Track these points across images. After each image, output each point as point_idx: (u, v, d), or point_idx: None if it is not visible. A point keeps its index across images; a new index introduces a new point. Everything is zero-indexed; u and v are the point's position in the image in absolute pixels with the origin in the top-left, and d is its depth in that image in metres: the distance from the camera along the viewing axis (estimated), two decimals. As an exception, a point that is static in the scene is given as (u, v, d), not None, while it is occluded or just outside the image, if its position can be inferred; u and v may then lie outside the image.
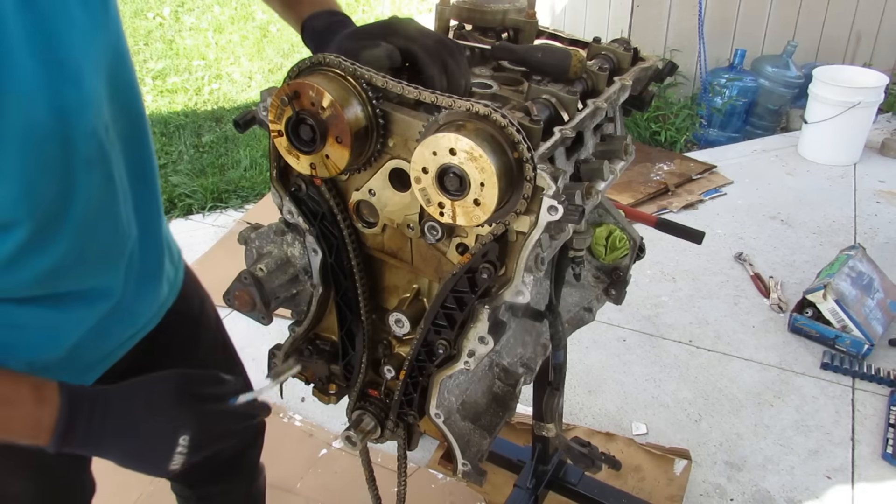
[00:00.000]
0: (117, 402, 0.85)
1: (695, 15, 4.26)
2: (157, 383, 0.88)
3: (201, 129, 4.51)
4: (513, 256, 0.84)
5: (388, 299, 1.01)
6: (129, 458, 0.85)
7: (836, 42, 4.83)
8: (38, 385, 0.81)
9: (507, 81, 1.05)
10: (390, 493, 1.31)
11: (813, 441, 2.27)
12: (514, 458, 1.98)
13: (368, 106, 0.81)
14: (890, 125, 4.41)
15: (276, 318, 1.02)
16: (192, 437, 0.84)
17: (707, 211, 3.56)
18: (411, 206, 0.88)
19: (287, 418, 2.34)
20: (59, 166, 0.82)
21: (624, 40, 1.09)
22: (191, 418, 0.85)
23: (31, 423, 0.80)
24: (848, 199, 3.65)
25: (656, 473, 2.12)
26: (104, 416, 0.83)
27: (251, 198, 3.77)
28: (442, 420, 1.00)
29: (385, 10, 6.69)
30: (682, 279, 3.04)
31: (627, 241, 1.28)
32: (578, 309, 1.35)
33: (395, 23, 0.91)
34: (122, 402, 0.85)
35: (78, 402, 0.82)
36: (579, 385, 2.48)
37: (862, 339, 2.54)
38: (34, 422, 0.80)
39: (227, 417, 0.89)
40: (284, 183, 0.94)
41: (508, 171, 0.75)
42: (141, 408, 0.85)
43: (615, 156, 1.02)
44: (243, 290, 0.95)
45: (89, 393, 0.84)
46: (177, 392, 0.86)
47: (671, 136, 4.24)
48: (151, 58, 5.52)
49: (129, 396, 0.86)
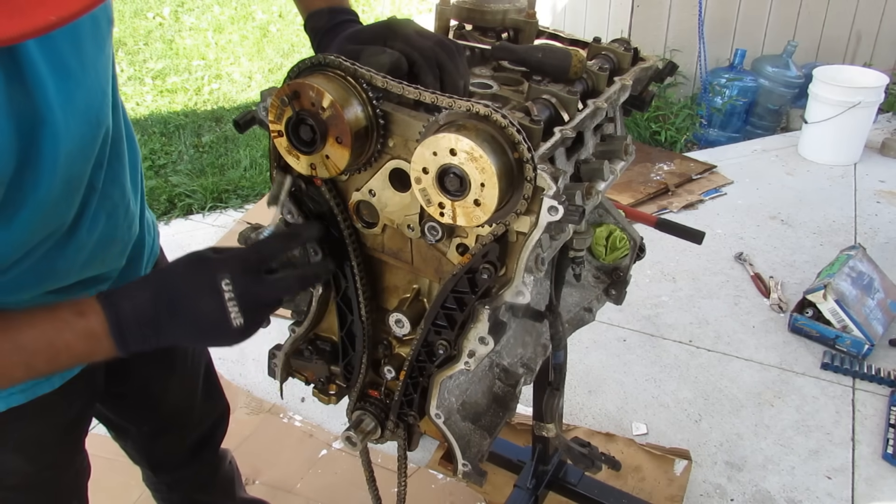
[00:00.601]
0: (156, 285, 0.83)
1: (695, 15, 4.26)
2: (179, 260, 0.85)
3: (201, 129, 4.51)
4: (513, 257, 0.84)
5: (389, 300, 1.01)
6: (190, 332, 0.83)
7: (836, 42, 4.83)
8: (75, 303, 0.82)
9: (507, 81, 1.05)
10: (390, 494, 1.31)
11: (813, 441, 2.27)
12: (515, 459, 1.98)
13: (369, 106, 0.81)
14: (890, 125, 4.41)
15: (277, 318, 1.01)
16: (233, 278, 0.80)
17: (707, 211, 3.56)
18: (411, 207, 0.88)
19: (287, 418, 2.34)
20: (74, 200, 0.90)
21: (624, 40, 1.09)
22: (225, 260, 0.82)
23: (87, 337, 0.81)
24: (848, 199, 3.65)
25: (656, 474, 2.12)
26: (151, 301, 0.81)
27: (251, 198, 3.77)
28: (442, 420, 1.00)
29: (385, 10, 6.69)
30: (682, 279, 3.04)
31: (627, 241, 1.28)
32: (579, 309, 1.35)
33: (394, 24, 0.90)
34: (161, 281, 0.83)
35: (120, 301, 0.81)
36: (579, 385, 2.48)
37: (862, 339, 2.54)
38: (89, 334, 0.80)
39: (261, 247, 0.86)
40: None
41: (509, 171, 0.75)
42: (179, 279, 0.82)
43: (615, 156, 1.02)
44: None
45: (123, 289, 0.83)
46: (199, 254, 0.84)
47: (671, 136, 4.24)
48: (151, 58, 5.52)
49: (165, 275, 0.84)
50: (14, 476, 1.14)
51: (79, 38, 0.84)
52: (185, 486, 1.59)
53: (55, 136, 0.81)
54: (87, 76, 0.86)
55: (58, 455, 1.19)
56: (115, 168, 1.00)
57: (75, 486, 1.28)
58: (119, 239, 1.05)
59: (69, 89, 0.82)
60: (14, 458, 1.11)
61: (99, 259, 1.02)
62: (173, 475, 1.55)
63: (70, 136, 0.83)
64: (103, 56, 0.91)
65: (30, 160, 0.79)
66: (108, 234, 1.01)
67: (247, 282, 0.81)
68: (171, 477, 1.56)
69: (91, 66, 0.87)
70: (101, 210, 0.98)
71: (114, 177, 1.00)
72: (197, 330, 0.82)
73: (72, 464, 1.25)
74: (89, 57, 0.86)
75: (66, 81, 0.81)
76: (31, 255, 0.89)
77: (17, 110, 0.76)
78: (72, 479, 1.27)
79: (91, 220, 0.96)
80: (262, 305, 0.84)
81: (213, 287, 0.80)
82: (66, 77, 0.81)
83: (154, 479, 1.57)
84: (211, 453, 1.59)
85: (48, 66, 0.79)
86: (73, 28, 0.83)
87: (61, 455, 1.20)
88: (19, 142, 0.77)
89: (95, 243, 0.99)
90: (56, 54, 0.80)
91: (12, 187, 0.79)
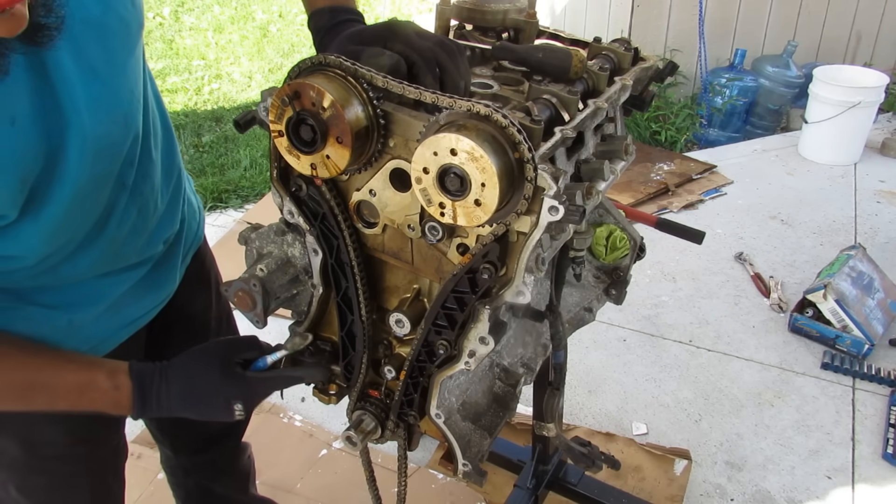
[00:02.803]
0: (176, 378, 0.98)
1: (695, 15, 4.26)
2: (206, 356, 1.00)
3: (201, 129, 4.51)
4: (513, 257, 0.84)
5: (389, 299, 1.01)
6: (199, 418, 1.00)
7: (836, 42, 4.83)
8: (112, 372, 0.97)
9: (507, 81, 1.04)
10: (390, 494, 1.31)
11: (813, 441, 2.27)
12: (515, 458, 1.98)
13: (369, 106, 0.81)
14: (890, 125, 4.41)
15: (277, 318, 1.02)
16: (244, 403, 0.98)
17: (707, 211, 3.56)
18: (412, 207, 0.88)
19: (287, 418, 2.34)
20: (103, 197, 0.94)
21: (624, 40, 1.09)
22: (239, 388, 0.98)
23: (112, 404, 0.97)
24: (848, 199, 3.65)
25: (656, 473, 2.12)
26: (169, 391, 0.97)
27: (251, 198, 3.77)
28: (442, 420, 1.00)
29: (385, 10, 6.69)
30: (682, 279, 3.04)
31: (628, 241, 1.28)
32: (579, 309, 1.35)
33: (394, 25, 0.90)
34: (181, 376, 0.98)
35: (148, 382, 0.97)
36: (579, 385, 2.48)
37: (862, 339, 2.54)
38: (115, 403, 0.97)
39: (269, 382, 1.01)
40: (285, 183, 0.94)
41: (509, 171, 0.75)
42: (197, 381, 0.98)
43: (616, 156, 1.02)
44: (247, 292, 0.95)
45: (154, 372, 0.98)
46: (221, 364, 0.98)
47: (671, 136, 4.24)
48: (151, 58, 5.51)
49: (185, 371, 0.99)
50: (50, 447, 1.15)
51: (108, 42, 0.86)
52: (202, 471, 1.58)
53: (82, 137, 0.83)
54: (115, 79, 0.88)
55: (94, 429, 1.20)
56: (146, 165, 1.02)
57: (113, 464, 1.29)
58: (149, 231, 1.08)
59: (97, 91, 0.84)
60: (50, 428, 1.13)
61: (131, 250, 1.06)
62: (193, 459, 1.55)
63: (97, 137, 0.85)
64: (132, 59, 0.93)
65: (57, 160, 0.82)
66: (138, 227, 1.05)
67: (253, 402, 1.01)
68: (190, 461, 1.56)
69: (120, 68, 0.89)
70: (132, 205, 1.01)
71: (145, 174, 1.02)
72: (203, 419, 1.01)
73: (108, 441, 1.26)
74: (118, 60, 0.88)
75: (93, 83, 0.83)
76: (62, 249, 0.93)
77: (45, 112, 0.79)
78: (108, 457, 1.28)
79: (122, 215, 1.00)
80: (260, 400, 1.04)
81: (227, 406, 0.98)
82: (94, 79, 0.83)
83: (173, 461, 1.57)
84: (234, 440, 1.59)
85: (77, 68, 0.81)
86: (102, 31, 0.85)
87: (98, 430, 1.21)
88: (47, 142, 0.79)
89: (126, 237, 1.03)
90: (84, 57, 0.82)
91: (41, 183, 0.82)
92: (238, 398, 0.97)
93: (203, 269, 1.35)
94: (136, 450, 2.09)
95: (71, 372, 0.96)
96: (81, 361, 0.99)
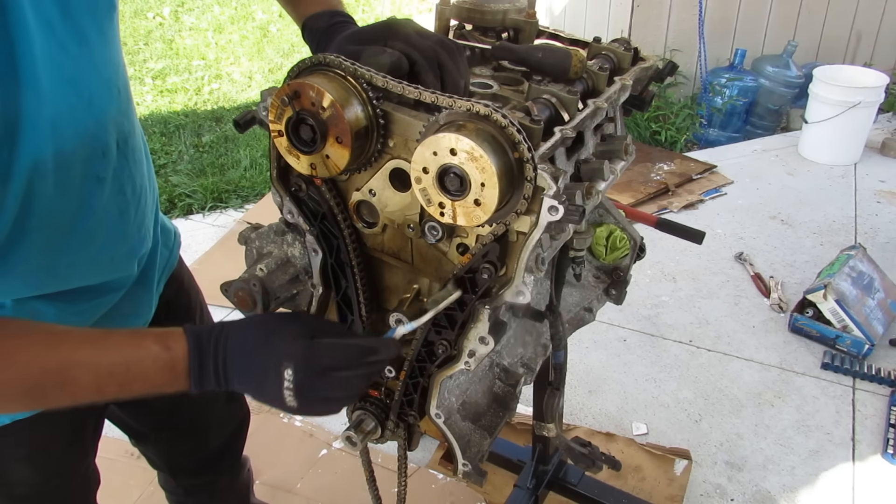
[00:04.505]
0: (235, 338, 0.85)
1: (695, 15, 4.26)
2: (274, 319, 0.88)
3: (201, 129, 4.51)
4: (513, 257, 0.84)
5: (389, 299, 1.01)
6: (252, 393, 0.86)
7: (836, 42, 4.83)
8: (162, 336, 0.84)
9: (507, 81, 1.04)
10: (390, 494, 1.31)
11: (813, 441, 2.27)
12: (515, 458, 1.98)
13: (369, 106, 0.81)
14: (890, 125, 4.41)
15: (277, 318, 1.01)
16: (295, 370, 0.82)
17: (707, 211, 3.56)
18: (412, 207, 0.88)
19: (287, 418, 2.34)
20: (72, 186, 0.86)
21: (624, 40, 1.09)
22: (295, 351, 0.83)
23: (167, 370, 0.83)
24: (848, 199, 3.65)
25: (657, 473, 2.12)
26: (227, 353, 0.84)
27: (251, 198, 3.77)
28: (442, 420, 1.00)
29: (385, 10, 6.69)
30: (682, 279, 3.04)
31: (628, 241, 1.28)
32: (579, 309, 1.35)
33: (394, 24, 0.90)
34: (239, 337, 0.85)
35: (205, 343, 0.84)
36: (579, 385, 2.48)
37: (862, 339, 2.54)
38: (170, 370, 0.83)
39: (335, 350, 0.85)
40: (285, 183, 0.94)
41: (509, 171, 0.75)
42: (253, 342, 0.85)
43: (615, 156, 1.02)
44: (247, 292, 0.95)
45: (212, 332, 0.85)
46: (289, 328, 0.85)
47: (671, 136, 4.24)
48: (151, 58, 5.52)
49: (246, 332, 0.85)
50: (23, 486, 1.13)
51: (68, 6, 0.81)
52: (203, 491, 1.56)
53: (37, 98, 0.77)
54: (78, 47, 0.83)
55: (64, 463, 1.17)
56: (129, 164, 0.98)
57: (84, 492, 1.27)
58: (130, 239, 1.03)
59: (54, 52, 0.79)
60: (21, 468, 1.10)
61: (107, 258, 1.00)
62: (192, 480, 1.53)
63: (54, 105, 0.79)
64: (100, 36, 0.88)
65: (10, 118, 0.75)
66: (118, 231, 0.99)
67: (306, 376, 0.83)
68: (190, 482, 1.53)
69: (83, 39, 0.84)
70: (112, 205, 0.96)
71: (128, 173, 0.98)
72: (259, 395, 0.86)
73: (77, 471, 1.23)
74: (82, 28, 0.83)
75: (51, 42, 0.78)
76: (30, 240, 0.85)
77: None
78: (80, 486, 1.25)
79: (101, 213, 0.94)
80: (318, 398, 0.86)
81: (276, 371, 0.82)
82: (52, 37, 0.78)
83: (172, 484, 1.55)
84: (233, 458, 1.56)
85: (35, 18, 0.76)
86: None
87: (70, 463, 1.19)
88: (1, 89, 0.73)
89: (104, 241, 0.97)
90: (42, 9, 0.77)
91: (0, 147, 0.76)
92: (290, 360, 0.82)
93: (181, 292, 1.31)
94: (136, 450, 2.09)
95: (113, 344, 0.83)
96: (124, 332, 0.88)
